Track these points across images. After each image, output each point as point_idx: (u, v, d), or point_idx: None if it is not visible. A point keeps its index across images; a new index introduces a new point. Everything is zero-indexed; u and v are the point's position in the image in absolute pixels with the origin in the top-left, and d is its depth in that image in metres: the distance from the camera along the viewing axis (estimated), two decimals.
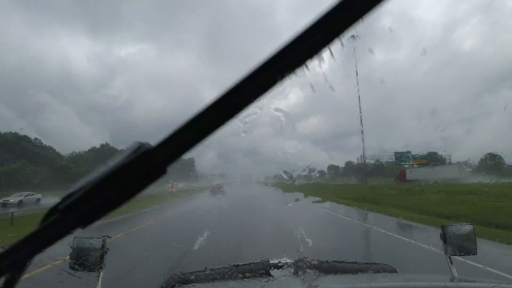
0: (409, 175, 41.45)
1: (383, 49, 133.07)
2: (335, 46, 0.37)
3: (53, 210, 0.43)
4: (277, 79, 0.36)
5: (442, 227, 1.63)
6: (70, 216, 0.39)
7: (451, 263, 1.59)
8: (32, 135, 55.06)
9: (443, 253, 1.61)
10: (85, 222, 0.39)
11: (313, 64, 0.36)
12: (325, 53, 0.37)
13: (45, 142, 54.93)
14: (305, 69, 0.36)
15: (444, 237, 1.60)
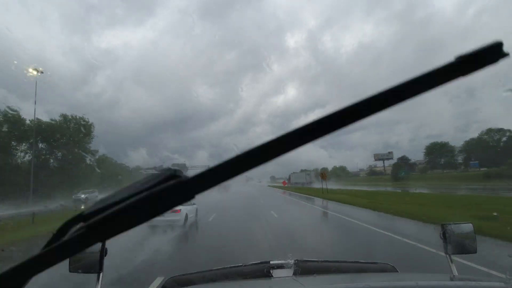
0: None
1: None
2: None
3: (71, 223, 0.45)
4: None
5: (442, 226, 1.62)
6: (95, 231, 0.40)
7: (451, 261, 1.58)
8: None
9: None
10: (106, 236, 0.41)
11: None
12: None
13: None
14: None
15: (444, 236, 1.59)
